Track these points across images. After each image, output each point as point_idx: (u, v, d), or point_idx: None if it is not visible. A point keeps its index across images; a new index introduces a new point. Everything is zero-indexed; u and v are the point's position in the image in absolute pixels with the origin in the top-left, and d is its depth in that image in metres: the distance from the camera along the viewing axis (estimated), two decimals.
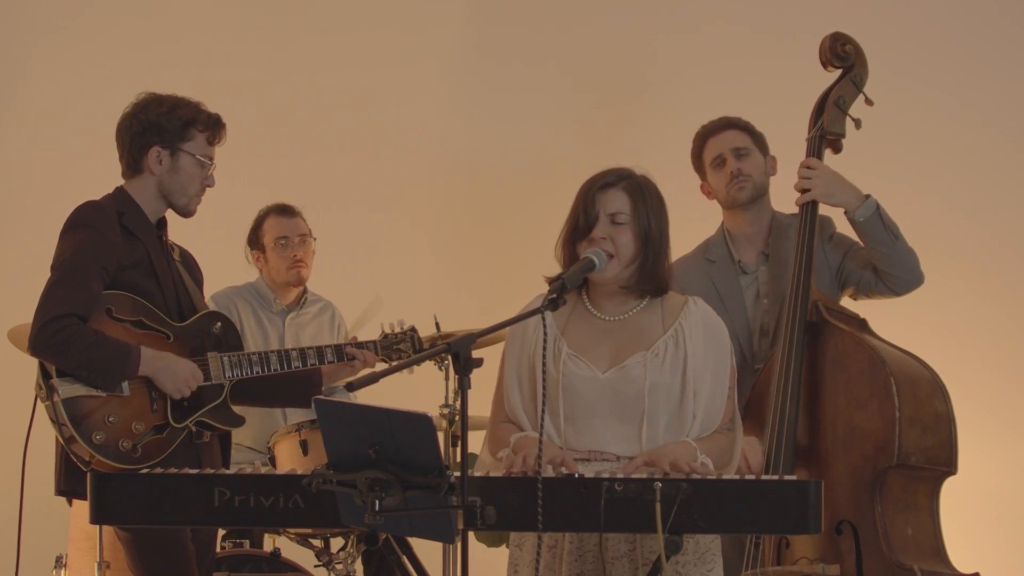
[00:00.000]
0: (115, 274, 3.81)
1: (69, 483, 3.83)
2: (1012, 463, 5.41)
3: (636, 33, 5.88)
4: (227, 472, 3.49)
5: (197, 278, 4.15)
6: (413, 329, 4.43)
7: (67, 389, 3.71)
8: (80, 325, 3.69)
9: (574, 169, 3.59)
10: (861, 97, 4.27)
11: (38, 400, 3.83)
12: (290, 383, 4.13)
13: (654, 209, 3.49)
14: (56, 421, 3.73)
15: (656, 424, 3.43)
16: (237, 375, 3.95)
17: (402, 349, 4.38)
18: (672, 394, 3.44)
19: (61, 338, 3.67)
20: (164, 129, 3.89)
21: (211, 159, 3.96)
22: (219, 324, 3.99)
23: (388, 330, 4.41)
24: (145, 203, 3.93)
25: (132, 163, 3.94)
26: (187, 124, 3.91)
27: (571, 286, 3.36)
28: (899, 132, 5.44)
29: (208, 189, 4.00)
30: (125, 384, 3.76)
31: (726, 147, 4.30)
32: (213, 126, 3.95)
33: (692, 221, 4.39)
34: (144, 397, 3.79)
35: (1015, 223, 5.58)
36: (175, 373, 3.79)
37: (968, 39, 5.64)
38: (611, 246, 3.44)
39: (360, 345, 4.22)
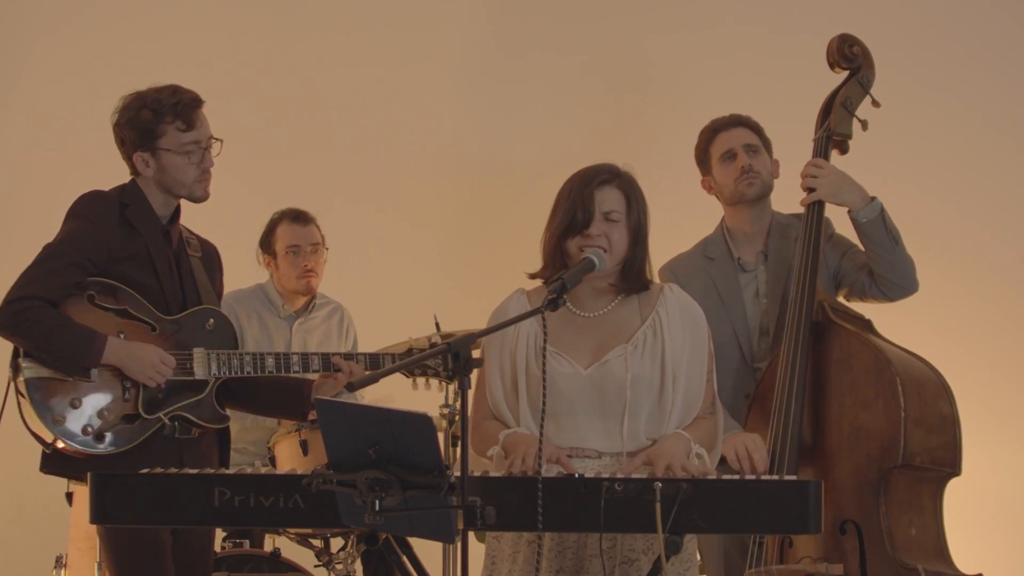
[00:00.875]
0: (106, 266, 3.80)
1: (48, 463, 3.80)
2: (1012, 463, 5.41)
3: (644, 33, 5.88)
4: (227, 472, 3.47)
5: (215, 275, 4.11)
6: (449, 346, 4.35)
7: (32, 370, 3.71)
8: (44, 307, 3.69)
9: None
10: (867, 98, 4.27)
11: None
12: (277, 392, 4.06)
13: (642, 207, 3.54)
14: (19, 400, 3.73)
15: (638, 417, 3.47)
16: (224, 373, 3.90)
17: (429, 365, 4.35)
18: (652, 386, 3.48)
19: (23, 318, 3.68)
20: (136, 134, 3.86)
21: (196, 142, 3.88)
22: (212, 320, 3.95)
23: (415, 346, 4.32)
24: (152, 197, 3.91)
25: (130, 168, 3.94)
26: (153, 124, 3.85)
27: (571, 287, 3.37)
28: (902, 132, 5.43)
29: (215, 191, 3.97)
30: (95, 371, 3.74)
31: (738, 142, 4.29)
32: (182, 113, 3.86)
33: (693, 220, 4.39)
34: (116, 385, 3.77)
35: (1016, 223, 5.58)
36: (141, 360, 3.75)
37: (971, 40, 5.64)
38: (605, 242, 3.46)
39: (348, 356, 4.08)
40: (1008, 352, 5.51)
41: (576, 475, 3.21)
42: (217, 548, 4.68)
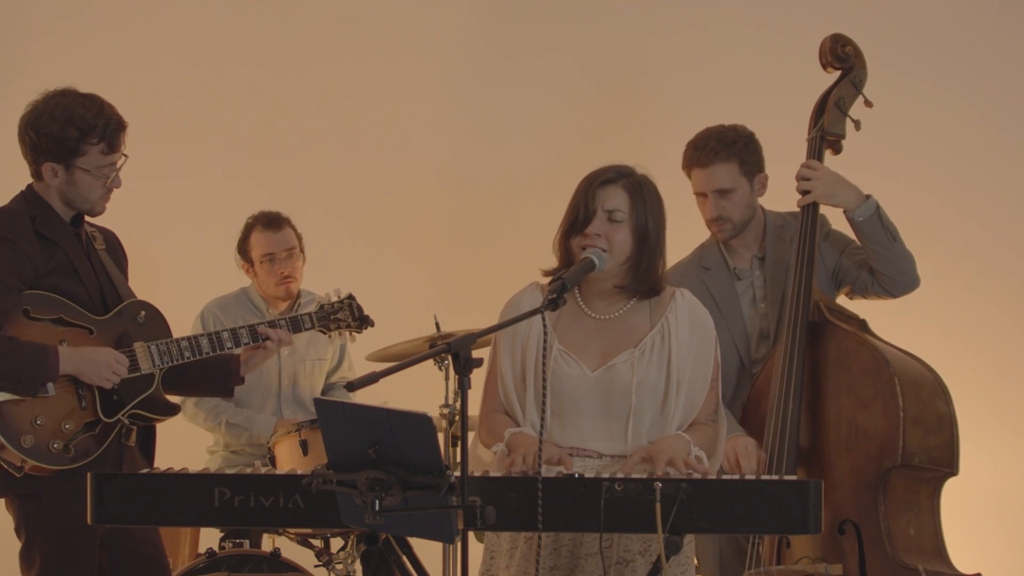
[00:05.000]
0: (33, 282, 3.74)
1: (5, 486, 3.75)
2: (1012, 463, 5.41)
3: (639, 33, 5.87)
4: (227, 472, 3.48)
5: (121, 263, 4.04)
6: (351, 297, 4.31)
7: None
8: None
9: (579, 170, 3.57)
10: (860, 98, 4.27)
11: None
12: (203, 372, 4.01)
13: (652, 209, 3.50)
14: None
15: (641, 422, 3.47)
16: (167, 362, 3.87)
17: (340, 319, 4.26)
18: (657, 391, 3.48)
19: None
20: (55, 147, 3.78)
21: (113, 164, 3.81)
22: (143, 313, 3.89)
23: (325, 300, 4.29)
24: (53, 203, 3.84)
25: (33, 171, 3.87)
26: (78, 141, 3.76)
27: (571, 286, 3.36)
28: (898, 132, 5.43)
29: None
30: (50, 385, 3.69)
31: (709, 187, 4.22)
32: (109, 136, 3.78)
33: (691, 220, 4.39)
34: (71, 395, 3.73)
35: (1015, 223, 5.58)
36: (97, 363, 3.71)
37: (967, 38, 5.63)
38: (605, 243, 3.44)
39: (272, 324, 4.06)
40: (1008, 352, 5.51)
41: (576, 475, 3.20)
42: (217, 548, 4.69)
